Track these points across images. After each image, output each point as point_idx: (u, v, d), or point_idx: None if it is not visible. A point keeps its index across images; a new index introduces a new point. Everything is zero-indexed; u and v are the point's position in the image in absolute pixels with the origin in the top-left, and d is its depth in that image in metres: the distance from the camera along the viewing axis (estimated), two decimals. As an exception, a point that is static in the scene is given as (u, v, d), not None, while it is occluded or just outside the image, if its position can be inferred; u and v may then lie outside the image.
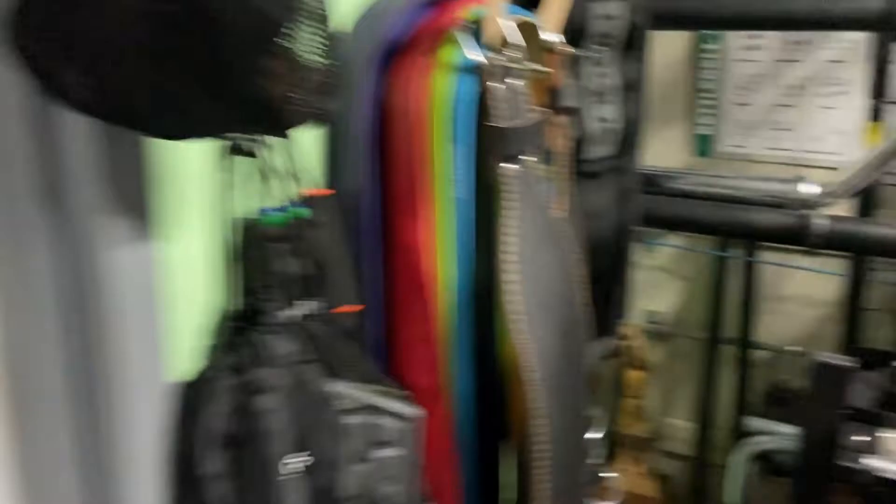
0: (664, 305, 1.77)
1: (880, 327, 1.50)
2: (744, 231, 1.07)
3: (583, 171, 0.84)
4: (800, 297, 1.62)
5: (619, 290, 0.97)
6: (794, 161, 1.55)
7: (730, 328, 1.65)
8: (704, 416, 1.66)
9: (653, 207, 1.16)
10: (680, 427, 1.83)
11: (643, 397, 1.70)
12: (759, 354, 1.68)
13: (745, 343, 1.62)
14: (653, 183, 1.20)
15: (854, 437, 1.03)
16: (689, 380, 1.80)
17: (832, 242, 1.04)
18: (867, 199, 1.31)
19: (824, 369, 1.06)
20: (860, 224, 1.03)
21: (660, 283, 1.76)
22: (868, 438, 1.03)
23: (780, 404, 1.58)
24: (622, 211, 0.94)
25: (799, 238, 1.06)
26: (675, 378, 1.82)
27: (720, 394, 1.75)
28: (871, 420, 1.06)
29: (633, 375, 1.68)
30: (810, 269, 1.51)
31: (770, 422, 1.24)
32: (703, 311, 1.65)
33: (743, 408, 1.65)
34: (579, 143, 0.84)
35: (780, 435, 1.24)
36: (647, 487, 1.70)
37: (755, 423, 1.25)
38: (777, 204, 1.14)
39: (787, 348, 1.59)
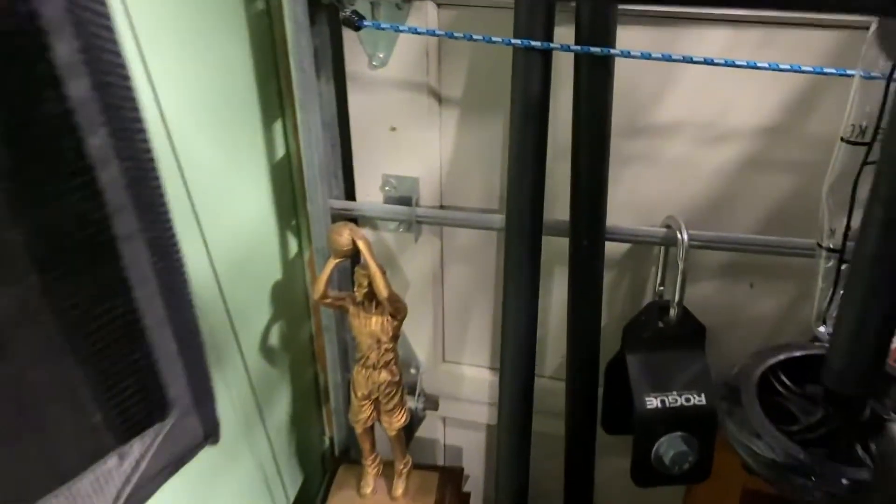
0: (420, 164, 0.84)
1: None
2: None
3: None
4: (686, 124, 0.74)
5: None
6: None
7: (557, 204, 0.78)
8: (516, 361, 0.81)
9: None
10: (472, 379, 0.99)
11: (394, 361, 0.82)
12: (616, 249, 0.83)
13: (591, 229, 0.75)
14: None
15: None
16: (484, 300, 0.94)
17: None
18: None
19: None
20: None
21: (406, 117, 0.81)
22: None
23: (658, 346, 0.79)
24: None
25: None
26: (458, 298, 0.95)
27: (548, 321, 0.91)
28: None
29: (371, 325, 0.79)
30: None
31: None
32: (498, 168, 0.75)
33: (587, 348, 0.82)
34: None
35: None
36: (417, 526, 0.88)
37: None
38: None
39: (684, 235, 0.75)
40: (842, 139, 0.55)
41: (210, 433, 0.40)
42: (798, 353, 0.60)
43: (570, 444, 0.91)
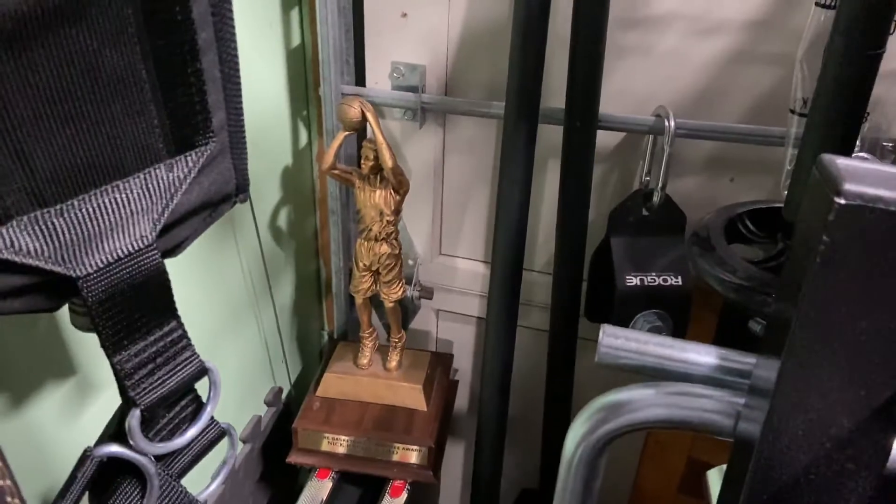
0: (427, 52, 0.90)
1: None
2: None
3: None
4: (680, 16, 0.80)
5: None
6: None
7: (554, 96, 0.83)
8: (513, 248, 0.87)
9: None
10: (466, 272, 1.05)
11: (394, 236, 0.88)
12: (607, 142, 0.88)
13: (584, 116, 0.81)
14: None
15: None
16: (481, 194, 0.99)
17: None
18: None
19: (869, 227, 0.31)
20: None
21: (419, 3, 0.87)
22: None
23: (641, 232, 0.84)
24: None
25: None
26: (455, 189, 1.01)
27: (539, 219, 0.97)
28: None
29: (374, 198, 0.84)
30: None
31: (650, 338, 0.47)
32: (500, 59, 0.80)
33: (575, 237, 0.88)
34: None
35: (684, 387, 0.47)
36: (407, 394, 0.94)
37: (611, 338, 0.46)
38: None
39: (671, 123, 0.80)
40: (816, 4, 0.61)
41: (241, 186, 0.46)
42: (761, 206, 0.66)
43: (554, 332, 0.97)
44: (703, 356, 0.48)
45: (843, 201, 0.31)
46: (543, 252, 1.01)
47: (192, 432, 0.46)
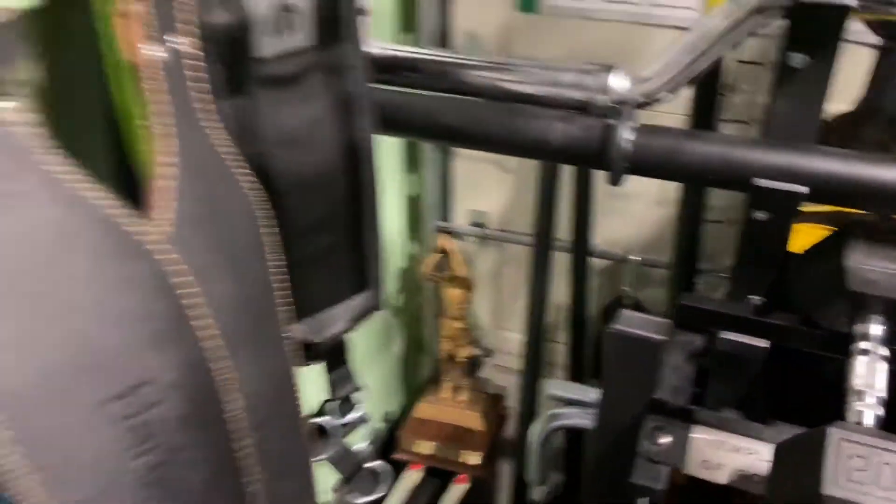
0: (490, 204, 1.44)
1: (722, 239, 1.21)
2: (515, 146, 0.72)
3: (262, 77, 0.53)
4: (642, 194, 1.30)
5: (367, 234, 0.73)
6: (640, 20, 1.17)
7: (564, 231, 1.34)
8: (536, 329, 1.38)
9: (394, 108, 0.78)
10: (513, 340, 1.57)
11: (465, 317, 1.41)
12: (598, 263, 1.38)
13: (581, 249, 1.32)
14: (393, 70, 0.79)
15: (655, 442, 0.76)
16: (521, 289, 1.51)
17: (641, 167, 0.69)
18: (704, 95, 0.92)
19: (624, 343, 0.78)
20: (679, 140, 0.67)
21: (483, 177, 1.41)
22: (669, 440, 0.76)
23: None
24: (346, 128, 0.61)
25: (597, 160, 0.71)
26: (507, 287, 1.53)
27: (556, 304, 1.48)
28: (679, 415, 0.77)
29: (452, 294, 1.38)
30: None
31: (571, 387, 0.96)
32: (534, 212, 1.33)
33: (580, 321, 1.38)
34: (238, 34, 0.50)
35: (582, 408, 0.97)
36: (470, 419, 1.46)
37: (554, 388, 0.96)
38: (574, 106, 0.75)
39: (630, 257, 1.29)
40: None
41: (382, 303, 1.01)
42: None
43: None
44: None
45: (610, 330, 0.81)
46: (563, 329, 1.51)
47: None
